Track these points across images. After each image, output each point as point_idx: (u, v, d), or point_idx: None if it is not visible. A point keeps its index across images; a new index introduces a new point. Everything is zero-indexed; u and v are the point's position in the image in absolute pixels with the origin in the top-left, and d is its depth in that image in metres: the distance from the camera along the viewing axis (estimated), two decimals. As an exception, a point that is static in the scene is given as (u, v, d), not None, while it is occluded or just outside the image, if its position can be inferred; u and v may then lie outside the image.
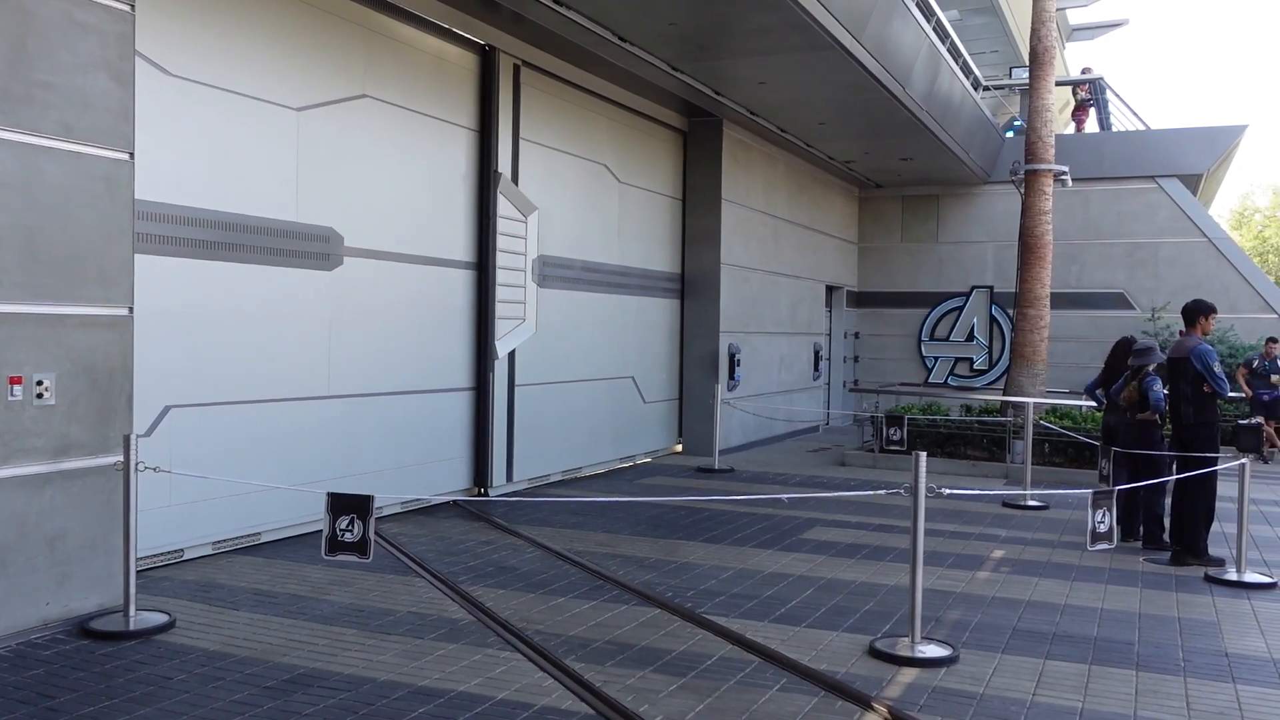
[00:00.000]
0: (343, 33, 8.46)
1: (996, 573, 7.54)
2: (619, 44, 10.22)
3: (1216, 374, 7.90)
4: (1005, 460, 12.73)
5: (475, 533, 8.56)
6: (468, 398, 10.15)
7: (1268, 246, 48.21)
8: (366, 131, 8.75)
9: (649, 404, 13.44)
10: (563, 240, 11.42)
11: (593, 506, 9.86)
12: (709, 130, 13.95)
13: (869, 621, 6.13)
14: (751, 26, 9.85)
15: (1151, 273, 18.09)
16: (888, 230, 20.24)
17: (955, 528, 9.23)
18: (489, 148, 10.14)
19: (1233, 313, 16.77)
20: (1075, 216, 18.28)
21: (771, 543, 8.44)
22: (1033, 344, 13.63)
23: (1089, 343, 17.58)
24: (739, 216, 14.57)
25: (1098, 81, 20.88)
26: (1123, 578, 7.48)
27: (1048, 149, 13.59)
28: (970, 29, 20.71)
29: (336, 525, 5.36)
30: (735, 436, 14.51)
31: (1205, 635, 6.01)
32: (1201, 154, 18.37)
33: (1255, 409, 13.87)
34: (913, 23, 12.00)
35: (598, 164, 12.08)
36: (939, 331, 19.91)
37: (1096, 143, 19.33)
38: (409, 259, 9.26)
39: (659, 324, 13.67)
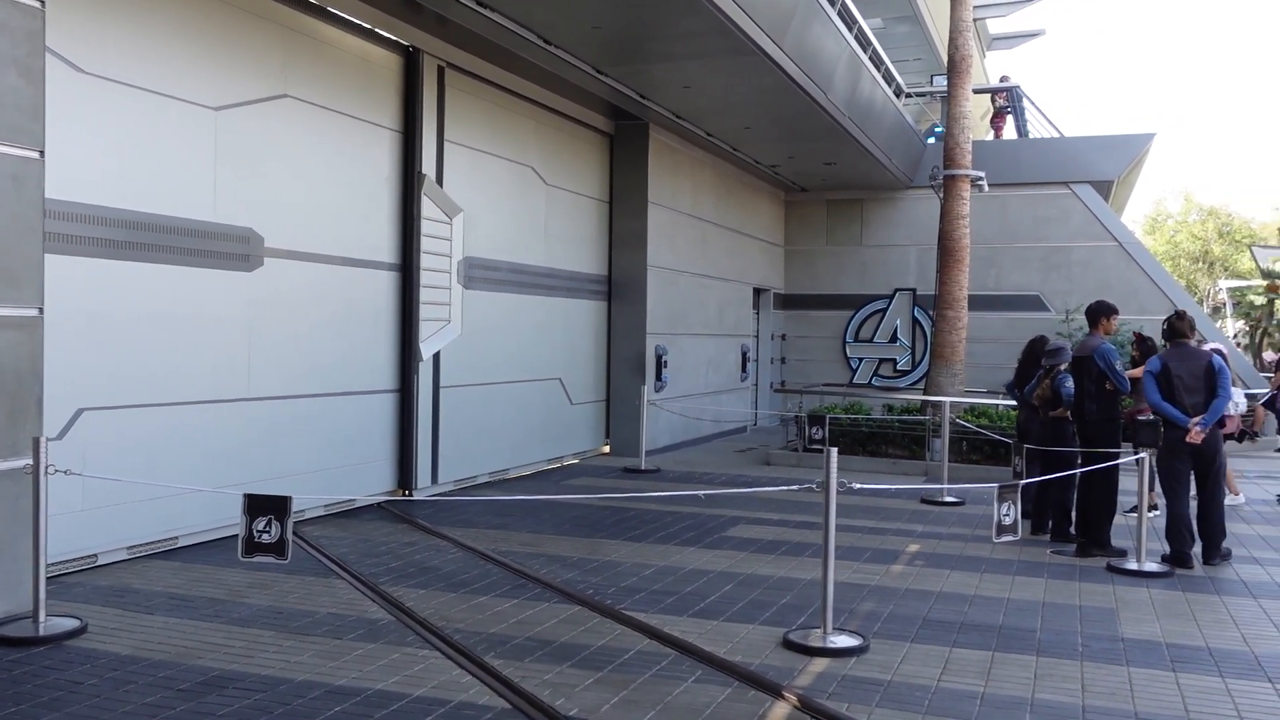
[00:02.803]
0: (263, 32, 8.40)
1: (910, 566, 7.75)
2: (543, 46, 10.28)
3: (1118, 372, 8.21)
4: (925, 458, 13.04)
5: (398, 534, 8.55)
6: (392, 399, 10.12)
7: (1180, 251, 49.81)
8: (287, 132, 8.69)
9: (576, 405, 13.51)
10: (489, 242, 11.44)
11: (518, 507, 9.90)
12: (636, 133, 14.07)
13: (785, 614, 6.27)
14: (674, 31, 9.99)
15: (1066, 276, 18.63)
16: (813, 234, 20.56)
17: (873, 524, 9.44)
18: (413, 149, 10.13)
19: (1142, 314, 17.32)
20: (994, 221, 18.76)
21: (694, 540, 8.57)
22: (951, 344, 13.97)
23: (1007, 344, 17.99)
24: (666, 219, 14.71)
25: (1015, 90, 21.43)
26: (1030, 569, 7.73)
27: (965, 155, 13.94)
28: (893, 37, 21.12)
29: (253, 526, 5.33)
30: (663, 437, 14.64)
31: (1104, 622, 6.25)
32: (1112, 161, 18.98)
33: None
34: (834, 30, 12.24)
35: (524, 166, 12.12)
36: (863, 333, 20.27)
37: (1014, 149, 19.85)
38: (331, 260, 9.22)
39: (586, 326, 13.75)
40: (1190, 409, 7.74)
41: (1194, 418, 7.69)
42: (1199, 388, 7.74)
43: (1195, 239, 50.16)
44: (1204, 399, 7.72)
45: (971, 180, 14.07)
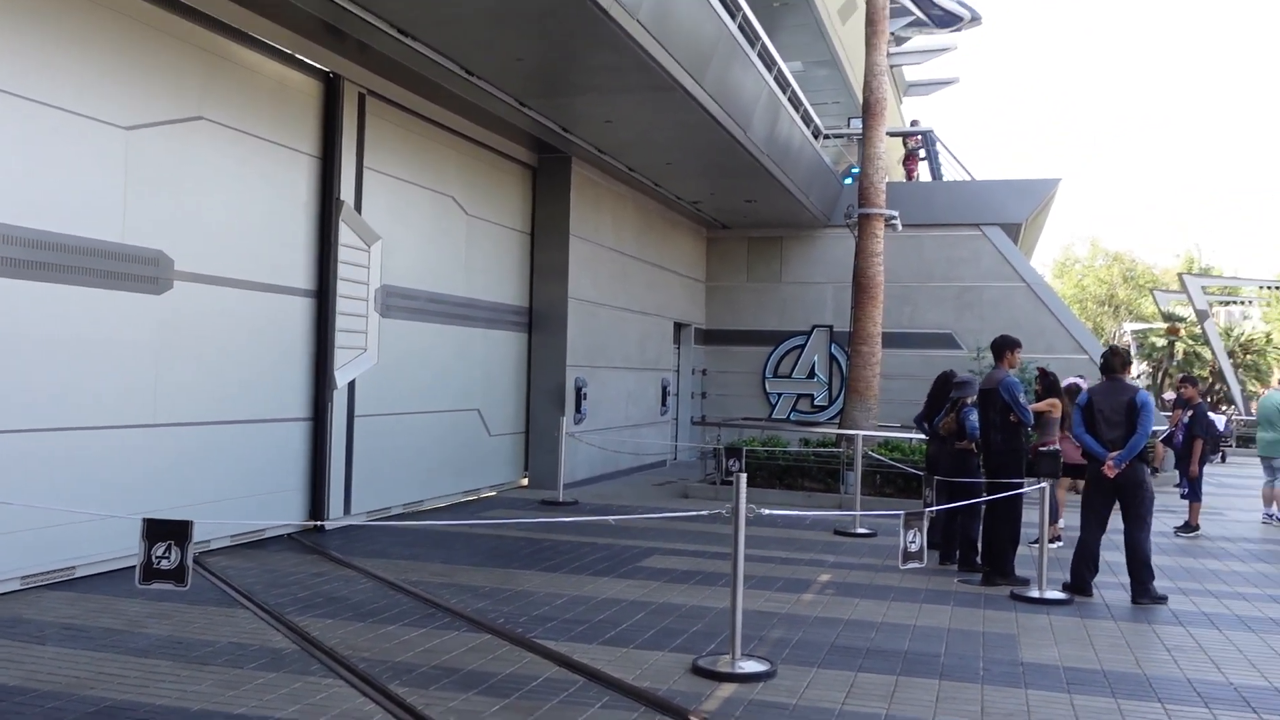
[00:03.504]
0: (179, 53, 8.30)
1: (820, 595, 7.84)
2: (466, 77, 10.33)
3: (1021, 404, 8.45)
4: (839, 491, 13.22)
5: (307, 565, 8.40)
6: (304, 428, 9.96)
7: (1087, 294, 51.47)
8: (202, 154, 8.58)
9: (495, 437, 13.43)
10: (408, 270, 11.38)
11: (431, 538, 9.79)
12: (558, 166, 14.16)
13: (695, 642, 6.29)
14: (596, 65, 10.11)
15: (977, 315, 19.13)
16: (734, 270, 20.83)
17: (786, 554, 9.54)
18: (332, 175, 10.06)
19: (1050, 353, 17.87)
20: (909, 260, 19.21)
21: (608, 570, 8.56)
22: (865, 379, 14.23)
23: (921, 380, 18.26)
24: (588, 252, 14.79)
25: (929, 134, 22.08)
26: (937, 597, 7.88)
27: (879, 194, 14.29)
28: (813, 80, 21.63)
29: (152, 552, 5.19)
30: (582, 470, 14.61)
31: (1005, 647, 6.40)
32: (1021, 204, 19.62)
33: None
34: (753, 70, 12.50)
35: (445, 196, 12.11)
36: (782, 369, 20.55)
37: (927, 191, 20.41)
38: (245, 285, 9.08)
39: (506, 357, 13.71)
40: (1109, 443, 7.91)
41: (1112, 452, 7.86)
42: (1120, 422, 7.88)
43: (1101, 283, 51.92)
44: (1124, 434, 7.87)
45: (885, 219, 14.42)
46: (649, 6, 9.19)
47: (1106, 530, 8.11)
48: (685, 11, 10.05)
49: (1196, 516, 11.79)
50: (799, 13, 18.43)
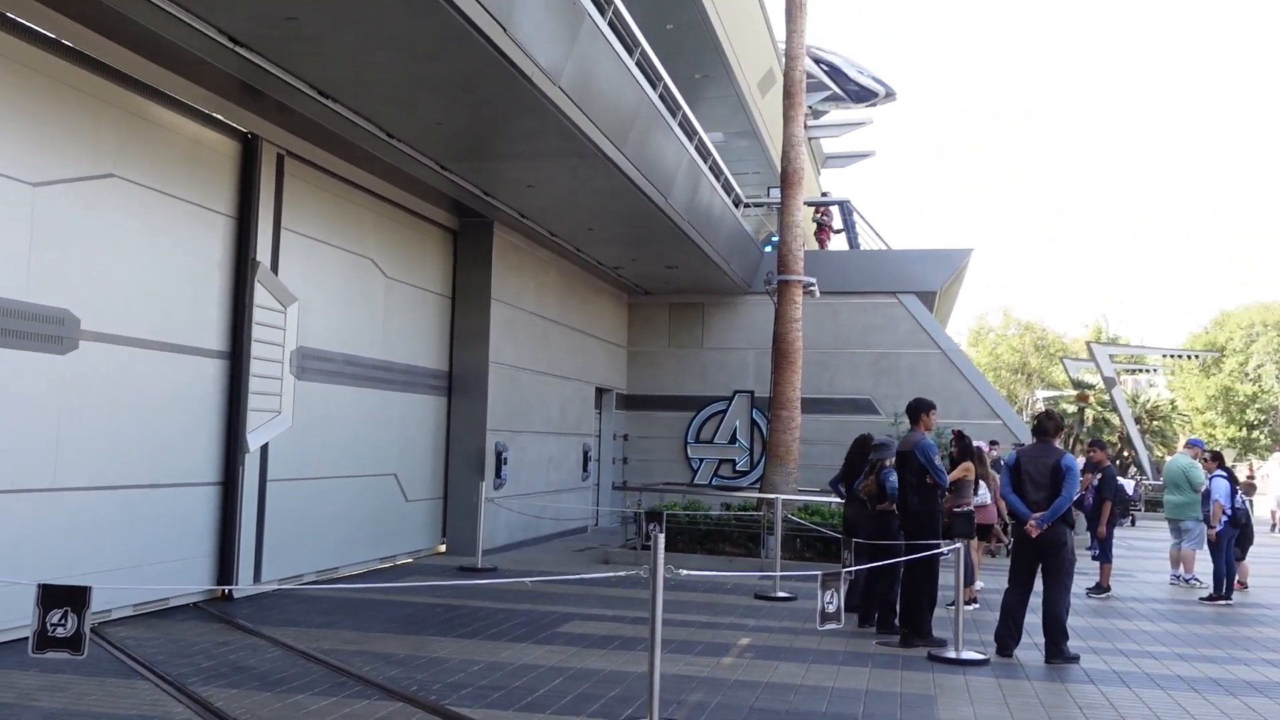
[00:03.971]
0: (90, 110, 8.17)
1: (740, 658, 7.80)
2: (387, 140, 10.33)
3: (937, 466, 8.59)
4: (760, 555, 13.23)
5: (214, 634, 8.11)
6: (214, 493, 9.68)
7: (1000, 362, 52.87)
8: (113, 212, 8.41)
9: (412, 502, 13.21)
10: (325, 333, 11.23)
11: (344, 605, 9.54)
12: (480, 230, 14.18)
13: (613, 707, 6.20)
14: (517, 130, 10.21)
15: (895, 380, 19.49)
16: (656, 335, 20.97)
17: (707, 619, 9.49)
18: (248, 236, 9.93)
19: (964, 418, 18.22)
20: (827, 327, 19.56)
21: (526, 636, 8.42)
22: (785, 444, 14.35)
23: (840, 445, 18.32)
24: (509, 316, 14.77)
25: (845, 204, 22.65)
26: (855, 659, 7.89)
27: (798, 261, 14.58)
28: (734, 150, 22.11)
29: (48, 619, 4.99)
30: (501, 536, 14.42)
31: (922, 708, 6.42)
32: (935, 273, 20.17)
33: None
34: (674, 139, 12.73)
35: (364, 258, 12.02)
36: (704, 434, 20.63)
37: (844, 259, 20.88)
38: (155, 345, 8.87)
39: (424, 421, 13.55)
40: (1034, 504, 8.02)
41: (1036, 514, 7.96)
42: (1045, 484, 8.01)
43: (1014, 351, 53.43)
44: (1048, 496, 7.99)
45: (804, 286, 14.69)
46: (570, 73, 9.34)
47: (1030, 592, 8.21)
48: (606, 79, 10.23)
49: (1108, 578, 12.04)
50: (720, 85, 18.88)
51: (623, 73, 10.53)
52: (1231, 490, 12.03)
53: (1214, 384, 51.86)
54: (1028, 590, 8.16)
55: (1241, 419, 51.82)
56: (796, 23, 14.80)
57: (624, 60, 10.47)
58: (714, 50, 17.04)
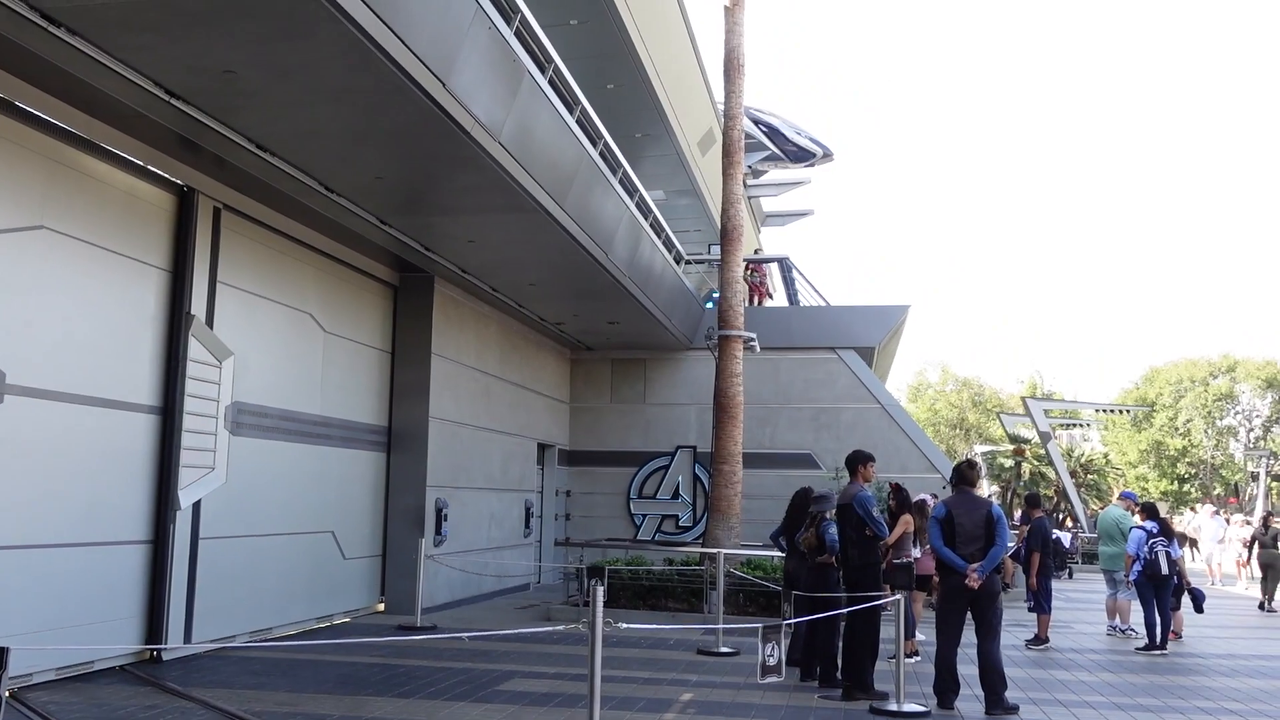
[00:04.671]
0: (19, 160, 8.04)
1: (683, 714, 7.72)
2: (325, 194, 10.29)
3: (875, 518, 8.64)
4: (703, 610, 13.14)
5: (140, 697, 7.86)
6: (143, 551, 9.42)
7: (939, 418, 53.60)
8: (41, 264, 8.26)
9: (350, 560, 12.96)
10: (261, 388, 11.06)
11: (278, 665, 9.30)
12: (420, 285, 14.13)
13: (552, 765, 6.09)
14: (457, 185, 10.23)
15: (835, 435, 19.65)
16: (598, 391, 20.96)
17: (649, 675, 9.39)
18: (182, 289, 9.79)
19: (904, 472, 18.41)
20: (768, 382, 19.71)
21: (465, 695, 8.26)
22: (727, 498, 14.36)
23: (781, 500, 18.27)
24: (449, 371, 14.68)
25: (785, 260, 22.96)
26: (798, 714, 7.86)
27: (738, 316, 14.71)
28: (675, 209, 22.37)
29: (-39, 683, 4.78)
30: (442, 594, 14.18)
31: (863, 760, 6.39)
32: (873, 329, 20.48)
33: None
34: (614, 195, 12.85)
35: (302, 312, 11.91)
36: (647, 489, 20.58)
37: (785, 315, 21.11)
38: (82, 400, 8.67)
39: (363, 476, 13.35)
40: (968, 556, 8.07)
41: (972, 564, 8.03)
42: (979, 535, 8.07)
43: (952, 407, 54.21)
44: (983, 546, 8.04)
45: (744, 341, 14.81)
46: (511, 129, 9.41)
47: (960, 642, 8.24)
48: (547, 136, 10.32)
49: (1045, 629, 12.14)
50: (660, 144, 19.14)
51: (563, 130, 10.64)
52: (1166, 540, 12.16)
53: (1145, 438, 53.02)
54: (957, 641, 8.19)
55: (1173, 472, 52.97)
56: (734, 83, 15.09)
57: (564, 117, 10.59)
58: (654, 110, 17.30)
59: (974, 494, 8.41)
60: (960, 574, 8.07)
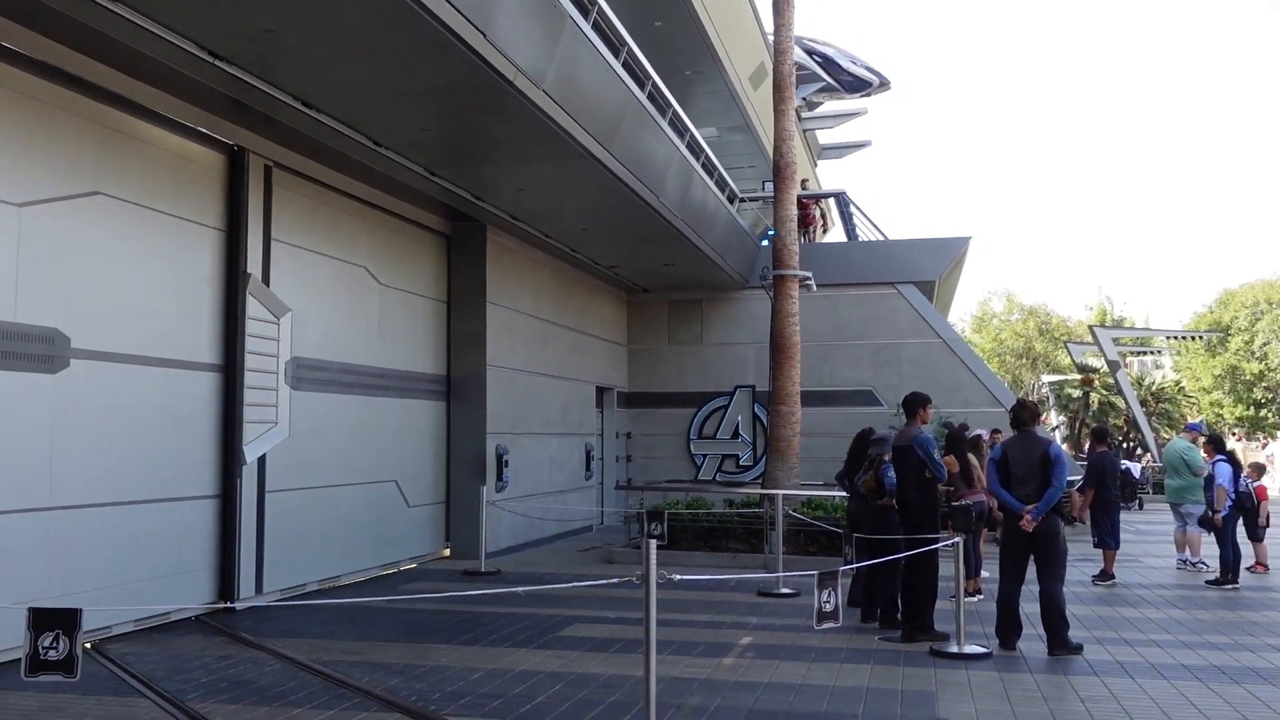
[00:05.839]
0: (73, 128, 8.15)
1: (741, 658, 7.77)
2: (374, 148, 10.30)
3: (936, 460, 8.54)
4: (764, 551, 13.19)
5: (214, 648, 8.10)
6: (212, 506, 9.68)
7: (1005, 348, 52.62)
8: (100, 229, 8.40)
9: (414, 508, 13.20)
10: (320, 342, 11.21)
11: (346, 614, 9.52)
12: (472, 234, 14.15)
13: (612, 713, 6.18)
14: (504, 134, 10.16)
15: (896, 371, 19.43)
16: (655, 332, 20.93)
17: (709, 618, 9.46)
18: (238, 248, 9.91)
19: (967, 406, 18.19)
20: (826, 319, 19.50)
21: (527, 641, 8.40)
22: (786, 439, 14.30)
23: (842, 437, 18.28)
24: (505, 319, 14.75)
25: (842, 195, 22.56)
26: (857, 656, 7.86)
27: (793, 255, 14.52)
28: (729, 145, 22.04)
29: (39, 643, 4.96)
30: (505, 539, 14.40)
31: (922, 704, 6.39)
32: (934, 262, 20.09)
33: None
34: (664, 137, 12.68)
35: (357, 266, 12.00)
36: (706, 430, 20.60)
37: (842, 251, 20.80)
38: (146, 361, 8.86)
39: (424, 426, 13.53)
40: (1023, 497, 7.95)
41: (1028, 505, 7.91)
42: (1032, 476, 7.93)
43: (1018, 336, 53.15)
44: (1037, 487, 7.92)
45: (800, 280, 14.63)
46: (554, 77, 9.29)
47: (1024, 583, 8.16)
48: (592, 81, 10.18)
49: (1111, 565, 11.98)
50: (711, 80, 18.81)
51: (608, 74, 10.48)
52: (1235, 474, 11.96)
53: (1220, 363, 51.60)
54: (1020, 581, 8.11)
55: (1249, 397, 51.58)
56: (784, 16, 14.73)
57: (609, 61, 10.42)
58: (704, 46, 16.98)
59: (1034, 434, 8.25)
60: (1017, 515, 7.97)
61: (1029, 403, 8.54)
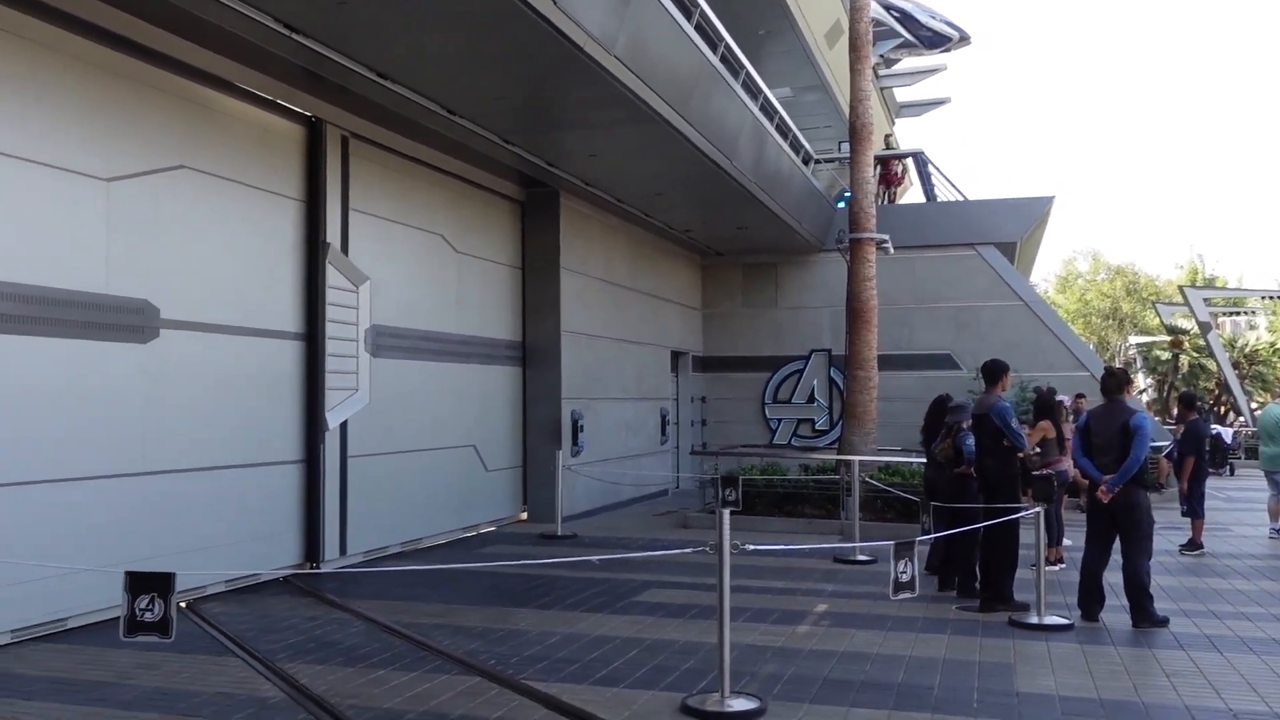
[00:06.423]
0: (158, 104, 8.35)
1: (816, 626, 7.77)
2: (448, 117, 10.36)
3: (1014, 429, 8.38)
4: (840, 518, 13.12)
5: (302, 609, 8.35)
6: (297, 470, 9.94)
7: (1090, 309, 51.31)
8: (185, 202, 8.61)
9: (491, 472, 13.39)
10: (398, 310, 11.39)
11: (428, 577, 9.73)
12: (546, 200, 14.19)
13: (687, 679, 6.23)
14: (575, 101, 10.15)
15: (976, 335, 19.08)
16: (730, 296, 20.84)
17: (784, 585, 9.46)
18: (317, 218, 10.09)
19: (1050, 371, 17.81)
20: (904, 282, 19.20)
21: (603, 606, 8.49)
22: (863, 404, 14.16)
23: (921, 402, 18.12)
24: (579, 284, 14.80)
25: (919, 155, 22.09)
26: (934, 625, 7.80)
27: (869, 218, 14.29)
28: (803, 105, 21.72)
29: (135, 605, 5.16)
30: (581, 503, 14.55)
31: (1000, 677, 6.32)
32: (1015, 223, 19.62)
33: None
34: (737, 100, 12.54)
35: (433, 234, 12.14)
36: (781, 394, 20.49)
37: (920, 213, 20.41)
38: (232, 330, 9.09)
39: (501, 391, 13.70)
40: (1103, 467, 7.81)
41: (1106, 476, 7.76)
42: (1112, 446, 7.78)
43: (1104, 297, 51.75)
44: (1117, 458, 7.76)
45: (877, 243, 14.41)
46: (625, 42, 9.23)
47: (1110, 554, 8.00)
48: (663, 45, 10.09)
49: (1200, 534, 11.67)
50: (785, 39, 18.52)
51: (680, 37, 10.38)
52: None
53: (1319, 323, 49.62)
54: (1105, 552, 7.96)
55: (1349, 359, 49.57)
56: (861, -28, 14.40)
57: (681, 24, 10.31)
58: (777, 4, 16.72)
59: (1121, 402, 8.05)
60: (1097, 485, 7.82)
61: (1117, 370, 8.32)
